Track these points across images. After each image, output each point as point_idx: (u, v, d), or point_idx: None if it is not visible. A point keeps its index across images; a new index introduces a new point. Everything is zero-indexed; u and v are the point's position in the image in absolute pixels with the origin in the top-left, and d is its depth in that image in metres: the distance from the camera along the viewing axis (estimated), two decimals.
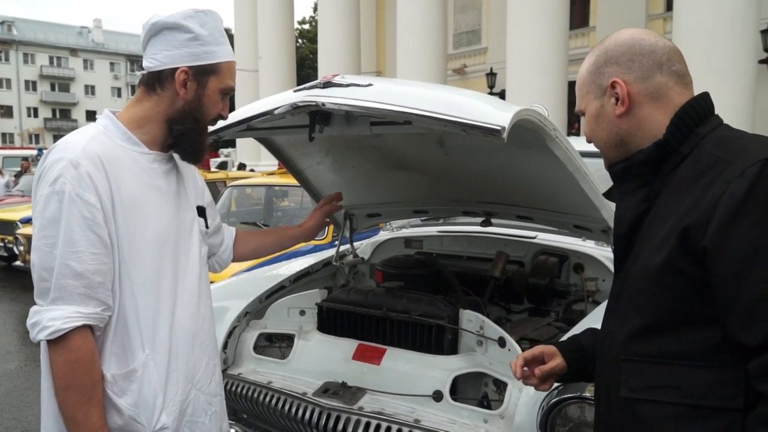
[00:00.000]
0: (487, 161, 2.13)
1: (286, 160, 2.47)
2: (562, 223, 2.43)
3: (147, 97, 1.39)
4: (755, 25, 7.47)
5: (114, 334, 1.31)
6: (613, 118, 1.11)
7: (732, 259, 0.91)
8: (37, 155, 16.31)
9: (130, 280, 1.31)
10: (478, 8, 18.83)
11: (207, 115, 1.41)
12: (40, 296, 1.25)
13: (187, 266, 1.44)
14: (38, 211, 1.25)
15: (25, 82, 53.75)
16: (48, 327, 1.21)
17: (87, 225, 1.23)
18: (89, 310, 1.24)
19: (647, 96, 1.08)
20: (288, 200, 6.27)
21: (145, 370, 1.33)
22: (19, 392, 4.27)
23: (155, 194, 1.38)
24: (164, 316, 1.37)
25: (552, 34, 9.51)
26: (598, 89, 1.13)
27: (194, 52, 1.35)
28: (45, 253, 1.23)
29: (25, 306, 6.86)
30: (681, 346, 0.98)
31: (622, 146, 1.12)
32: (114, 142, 1.34)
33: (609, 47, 1.12)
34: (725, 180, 0.93)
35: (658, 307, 1.01)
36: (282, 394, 2.01)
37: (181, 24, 1.35)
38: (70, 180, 1.23)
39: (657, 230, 1.02)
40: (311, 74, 28.57)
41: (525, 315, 2.58)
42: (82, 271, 1.23)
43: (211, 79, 1.39)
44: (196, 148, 1.44)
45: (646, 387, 1.02)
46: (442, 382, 1.86)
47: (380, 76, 19.81)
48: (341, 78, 1.68)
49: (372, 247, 3.09)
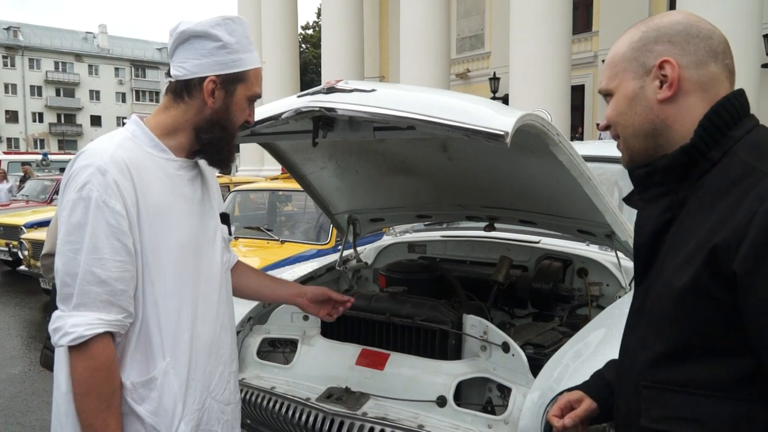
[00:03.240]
0: (491, 166, 2.13)
1: (289, 165, 2.48)
2: (566, 228, 2.42)
3: (174, 105, 1.39)
4: (758, 29, 7.47)
5: (136, 341, 1.31)
6: (653, 103, 0.98)
7: (765, 286, 0.81)
8: (41, 160, 16.37)
9: (153, 287, 1.31)
10: (481, 13, 18.86)
11: (235, 123, 1.41)
12: (63, 301, 1.25)
13: (210, 274, 1.44)
14: (64, 216, 1.25)
15: (30, 87, 54.05)
16: (70, 333, 1.21)
17: (112, 232, 1.24)
18: (111, 318, 1.24)
19: (697, 85, 0.96)
20: (291, 205, 6.28)
21: (165, 378, 1.32)
22: (23, 397, 4.27)
23: (180, 202, 1.38)
24: (185, 324, 1.36)
25: (555, 38, 9.52)
26: (641, 68, 1.00)
27: (222, 60, 1.35)
28: (69, 258, 1.23)
29: (29, 311, 6.88)
30: (706, 375, 0.89)
31: (654, 137, 1.00)
32: (141, 149, 1.34)
33: (662, 24, 0.99)
34: (759, 195, 0.83)
35: (682, 332, 0.91)
36: (285, 400, 2.01)
37: (209, 32, 1.34)
38: (97, 187, 1.23)
39: (682, 246, 0.93)
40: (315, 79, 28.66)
41: (529, 320, 2.57)
42: (105, 278, 1.23)
43: (239, 87, 1.38)
44: (224, 156, 1.44)
45: (667, 417, 0.93)
46: (445, 388, 1.85)
47: (383, 80, 19.84)
48: (344, 83, 1.69)
49: (375, 252, 3.09)
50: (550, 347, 1.98)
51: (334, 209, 2.77)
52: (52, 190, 10.53)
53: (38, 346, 5.38)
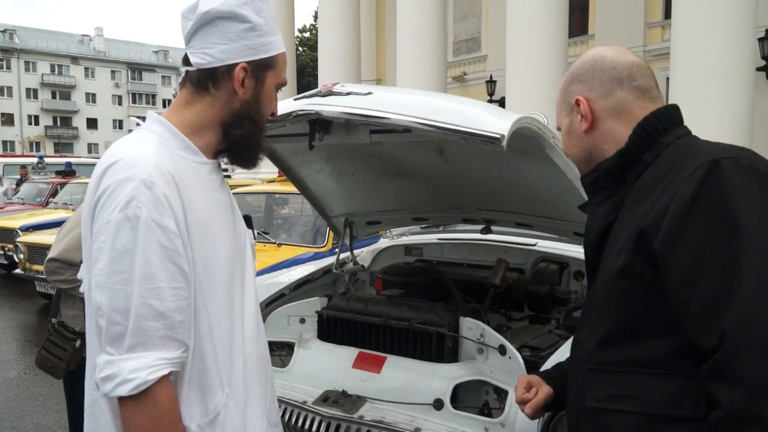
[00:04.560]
0: (487, 169, 2.14)
1: (286, 168, 2.48)
2: (562, 230, 2.43)
3: (198, 98, 1.20)
4: (753, 33, 7.50)
5: (190, 376, 1.13)
6: (581, 134, 1.15)
7: (682, 261, 0.90)
8: (37, 163, 16.32)
9: (207, 311, 1.14)
10: (477, 16, 18.91)
11: (265, 115, 1.25)
12: (112, 343, 1.05)
13: (250, 286, 1.28)
14: (104, 241, 1.05)
15: (26, 90, 53.90)
16: (131, 380, 1.02)
17: (167, 255, 1.06)
18: (172, 355, 1.07)
19: (609, 111, 1.11)
20: (288, 208, 6.27)
21: (226, 411, 1.17)
22: (18, 401, 4.25)
23: (219, 210, 1.22)
24: (238, 346, 1.20)
25: (551, 42, 9.55)
26: (567, 106, 1.17)
27: (252, 44, 1.18)
28: (117, 291, 1.04)
29: (24, 314, 6.85)
30: (643, 354, 0.98)
31: (592, 160, 1.15)
32: (175, 153, 1.16)
33: (575, 66, 1.17)
34: (677, 182, 0.94)
35: (619, 314, 1.01)
36: (282, 403, 2.01)
37: (237, 12, 1.17)
38: (146, 203, 1.05)
39: (619, 237, 1.03)
40: (312, 82, 28.68)
41: (525, 322, 2.57)
42: (163, 311, 1.05)
43: (269, 75, 1.22)
44: (255, 153, 1.27)
45: (610, 397, 1.01)
46: (442, 391, 1.85)
47: (380, 83, 19.86)
48: (341, 86, 1.69)
49: (372, 255, 3.09)
50: (547, 350, 1.98)
51: (330, 212, 2.77)
52: (47, 193, 10.48)
53: (34, 350, 5.36)
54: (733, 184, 0.89)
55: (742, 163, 0.92)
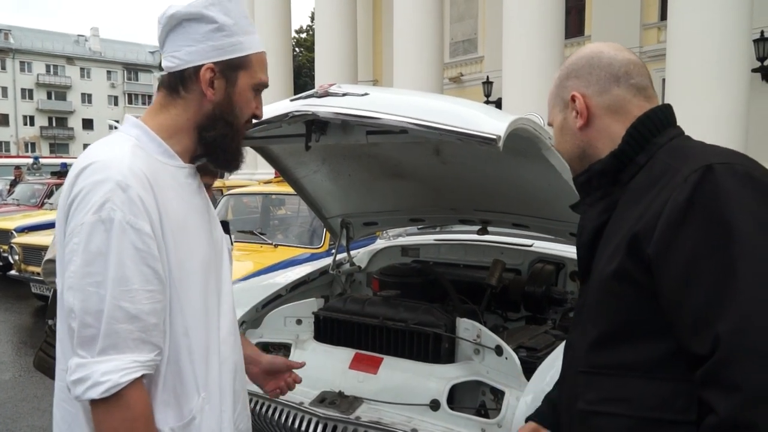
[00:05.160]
0: (483, 170, 2.14)
1: (282, 169, 2.47)
2: (558, 231, 2.43)
3: (171, 102, 1.20)
4: (748, 34, 7.53)
5: (164, 380, 1.13)
6: (575, 131, 1.13)
7: (676, 266, 0.90)
8: (32, 164, 16.26)
9: (182, 314, 1.14)
10: (474, 17, 18.93)
11: (240, 117, 1.23)
12: (84, 346, 1.04)
13: (226, 290, 1.29)
14: (77, 243, 1.05)
15: (21, 90, 53.74)
16: (102, 383, 1.01)
17: (141, 258, 1.06)
18: (145, 357, 1.06)
19: (605, 109, 1.09)
20: (285, 209, 6.27)
21: (202, 415, 1.17)
22: (13, 403, 4.23)
23: (195, 214, 1.22)
24: (213, 350, 1.21)
25: (548, 43, 9.56)
26: (562, 102, 1.15)
27: (219, 45, 1.18)
28: (90, 294, 1.03)
29: (19, 316, 6.82)
30: (635, 357, 0.97)
31: (585, 158, 1.13)
32: (151, 157, 1.16)
33: (571, 61, 1.15)
34: (671, 187, 0.93)
35: (612, 317, 1.00)
36: (278, 404, 2.00)
37: (202, 14, 1.17)
38: (120, 206, 1.04)
39: (612, 239, 1.02)
40: (308, 82, 28.66)
41: (522, 323, 2.58)
42: (136, 313, 1.04)
43: (241, 75, 1.21)
44: (232, 155, 1.26)
45: (601, 399, 1.01)
46: (439, 391, 1.85)
47: (377, 84, 19.85)
48: (337, 87, 1.69)
49: (369, 256, 3.09)
50: (543, 350, 1.98)
51: (327, 213, 2.77)
52: (43, 194, 10.45)
53: (29, 351, 5.34)
54: (728, 189, 0.89)
55: (736, 169, 0.91)
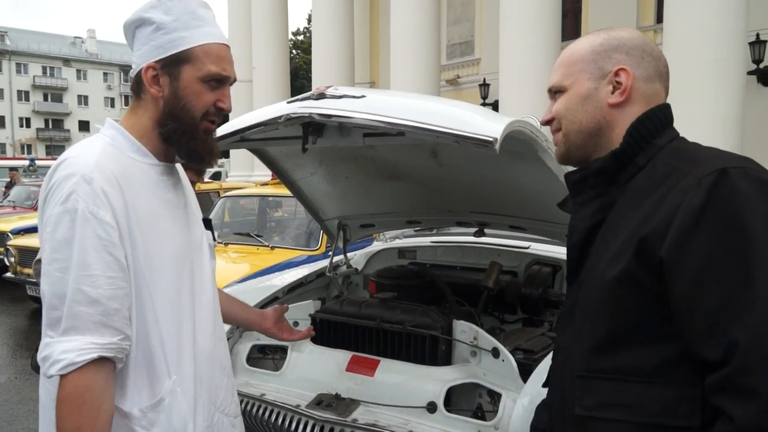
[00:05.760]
0: (480, 172, 2.14)
1: (279, 171, 2.47)
2: (555, 233, 2.44)
3: (137, 104, 1.28)
4: (743, 37, 7.56)
5: (136, 365, 1.20)
6: (604, 105, 1.07)
7: (690, 270, 0.88)
8: (29, 166, 16.22)
9: (152, 303, 1.21)
10: (471, 20, 18.96)
11: (190, 110, 1.25)
12: (51, 327, 1.12)
13: (202, 283, 1.36)
14: (48, 232, 1.14)
15: (17, 92, 53.63)
16: (60, 360, 1.08)
17: (102, 246, 1.12)
18: (105, 341, 1.12)
19: (644, 97, 1.06)
20: (282, 210, 6.26)
21: (173, 398, 1.23)
22: (10, 405, 4.21)
23: (169, 209, 1.29)
24: (187, 338, 1.27)
25: (544, 45, 9.58)
26: (598, 71, 1.07)
27: (160, 43, 1.22)
28: (56, 278, 1.11)
29: (16, 318, 6.80)
30: (637, 361, 0.95)
31: (596, 137, 1.08)
32: (124, 155, 1.24)
33: (621, 36, 1.08)
34: (682, 190, 0.92)
35: (614, 321, 0.98)
36: (275, 407, 2.00)
37: (144, 17, 1.24)
38: (83, 197, 1.12)
39: (612, 242, 1.00)
40: (305, 84, 28.66)
41: (518, 325, 2.58)
42: (97, 297, 1.11)
43: (185, 69, 1.23)
44: (188, 147, 1.28)
45: (600, 405, 0.98)
46: (436, 394, 1.85)
47: (374, 86, 19.87)
48: (334, 89, 1.69)
49: (365, 258, 3.09)
50: (540, 352, 1.98)
51: (324, 215, 2.77)
52: (38, 196, 10.41)
53: (25, 354, 5.32)
54: (743, 194, 0.88)
55: (750, 174, 0.91)
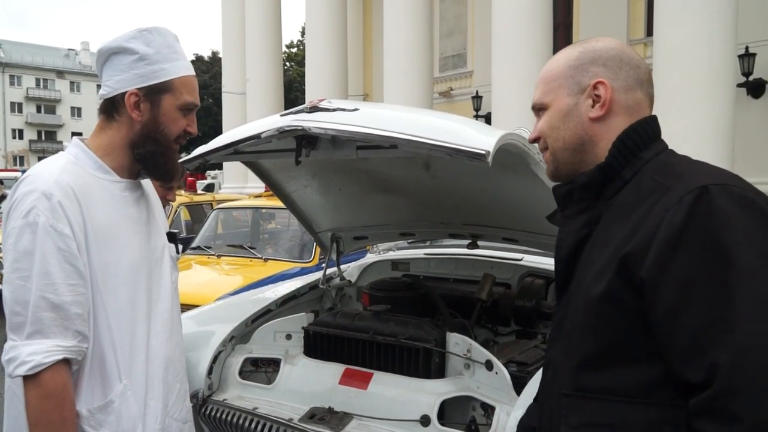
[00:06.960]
0: (473, 184, 2.15)
1: (272, 184, 2.47)
2: (548, 245, 2.44)
3: (108, 124, 1.39)
4: (733, 50, 7.66)
5: (90, 367, 1.29)
6: (585, 120, 1.05)
7: (670, 290, 0.87)
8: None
9: (105, 310, 1.30)
10: (463, 33, 19.11)
11: (167, 135, 1.39)
12: (14, 331, 1.22)
13: (160, 293, 1.44)
14: (10, 244, 1.24)
15: (10, 104, 53.44)
16: (27, 362, 1.18)
17: (63, 256, 1.23)
18: (68, 343, 1.22)
19: (625, 108, 1.04)
20: (275, 223, 6.25)
21: (122, 400, 1.31)
22: None
23: (127, 223, 1.38)
24: (140, 344, 1.36)
25: (536, 58, 9.66)
26: (576, 86, 1.06)
27: (142, 72, 1.34)
28: (19, 286, 1.21)
29: None
30: (621, 381, 0.93)
31: (581, 152, 1.07)
32: (85, 172, 1.34)
33: (596, 48, 1.06)
34: (663, 207, 0.90)
35: (599, 340, 0.96)
36: (268, 420, 1.99)
37: (124, 46, 1.35)
38: (44, 211, 1.22)
39: (597, 257, 0.98)
40: (299, 97, 28.74)
41: (512, 337, 2.57)
42: (59, 303, 1.21)
43: (165, 98, 1.37)
44: (164, 168, 1.42)
45: (585, 425, 0.97)
46: (429, 407, 1.84)
47: (367, 99, 19.94)
48: (328, 102, 1.70)
49: (359, 270, 3.08)
50: (533, 365, 1.98)
51: (317, 227, 2.76)
52: None
53: None
54: (725, 212, 0.86)
55: (732, 191, 0.88)
